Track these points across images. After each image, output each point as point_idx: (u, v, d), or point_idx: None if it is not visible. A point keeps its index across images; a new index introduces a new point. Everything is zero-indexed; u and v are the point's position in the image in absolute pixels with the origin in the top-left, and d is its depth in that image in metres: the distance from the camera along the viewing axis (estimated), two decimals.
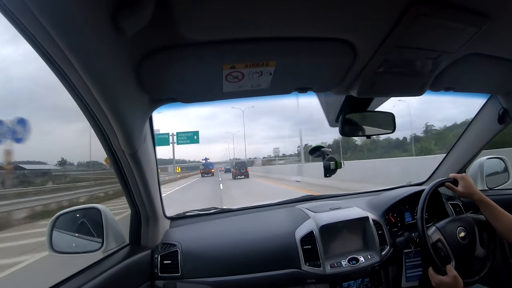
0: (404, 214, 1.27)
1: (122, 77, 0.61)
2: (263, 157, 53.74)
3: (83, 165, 20.79)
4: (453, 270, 0.95)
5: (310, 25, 0.59)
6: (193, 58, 0.63)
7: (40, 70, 18.17)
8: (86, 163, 20.79)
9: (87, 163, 20.63)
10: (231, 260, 1.06)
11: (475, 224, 1.07)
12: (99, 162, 18.66)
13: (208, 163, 30.52)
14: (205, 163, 30.83)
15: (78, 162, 21.61)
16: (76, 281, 0.79)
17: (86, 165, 20.60)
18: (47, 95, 31.91)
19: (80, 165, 20.97)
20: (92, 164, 19.84)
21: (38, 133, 24.81)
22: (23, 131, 9.79)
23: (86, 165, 20.47)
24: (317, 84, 0.86)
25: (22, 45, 18.30)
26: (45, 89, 31.49)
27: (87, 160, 20.77)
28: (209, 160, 31.49)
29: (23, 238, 5.20)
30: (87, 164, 20.52)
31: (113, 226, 0.99)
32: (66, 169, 19.96)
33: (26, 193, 9.08)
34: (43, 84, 30.70)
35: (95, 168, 19.19)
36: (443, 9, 0.57)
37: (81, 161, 21.71)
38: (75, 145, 31.86)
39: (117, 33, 0.47)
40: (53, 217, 0.95)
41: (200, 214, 1.36)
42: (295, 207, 1.31)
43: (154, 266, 1.05)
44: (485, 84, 1.09)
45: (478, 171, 1.44)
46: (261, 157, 52.79)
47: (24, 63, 34.52)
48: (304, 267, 1.05)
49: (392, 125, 1.10)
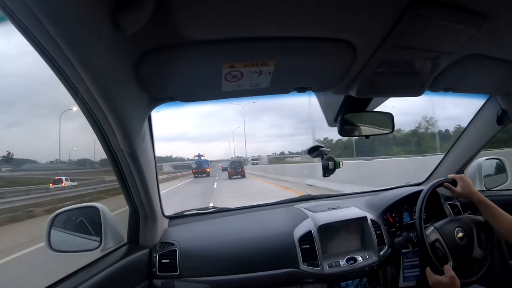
0: (402, 214, 1.27)
1: (121, 76, 0.61)
2: (268, 154, 46.39)
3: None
4: (450, 270, 0.95)
5: (310, 25, 0.59)
6: (192, 57, 0.63)
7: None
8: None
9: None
10: (229, 259, 1.06)
11: (473, 224, 1.08)
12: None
13: (202, 160, 24.08)
14: (198, 160, 24.26)
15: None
16: (74, 280, 0.79)
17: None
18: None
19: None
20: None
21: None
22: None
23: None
24: (316, 84, 0.86)
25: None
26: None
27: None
28: (204, 157, 24.70)
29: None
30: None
31: (112, 225, 0.99)
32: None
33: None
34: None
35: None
36: (442, 10, 0.57)
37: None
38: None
39: (116, 31, 0.47)
40: (51, 216, 0.95)
41: (199, 213, 1.36)
42: (293, 207, 1.31)
43: (152, 265, 1.04)
44: (484, 85, 1.09)
45: (477, 171, 1.44)
46: (265, 155, 45.35)
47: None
48: (302, 267, 1.05)
49: (391, 125, 1.11)
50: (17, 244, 4.59)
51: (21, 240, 4.76)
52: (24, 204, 8.41)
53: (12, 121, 25.41)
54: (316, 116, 2.85)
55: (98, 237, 0.96)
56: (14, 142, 28.05)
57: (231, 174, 18.77)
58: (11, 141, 28.33)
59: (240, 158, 32.96)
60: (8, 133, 26.41)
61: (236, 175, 18.57)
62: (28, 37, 0.45)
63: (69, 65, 0.50)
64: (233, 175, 18.63)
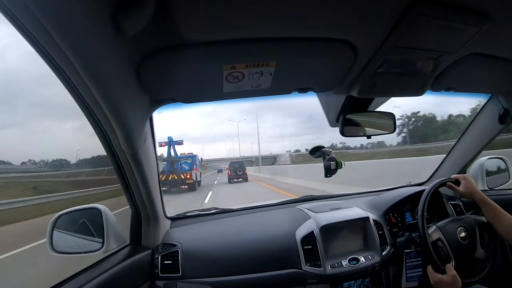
0: (404, 214, 1.27)
1: (122, 77, 0.61)
2: (288, 150, 34.32)
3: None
4: (452, 269, 0.95)
5: (311, 26, 0.59)
6: (193, 58, 0.63)
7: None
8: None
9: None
10: (231, 260, 1.06)
11: (476, 225, 1.07)
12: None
13: (179, 157, 13.12)
14: (169, 157, 12.72)
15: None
16: (77, 281, 0.79)
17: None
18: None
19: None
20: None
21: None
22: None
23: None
24: (318, 84, 0.86)
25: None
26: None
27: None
28: (184, 153, 13.81)
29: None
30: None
31: (114, 226, 1.00)
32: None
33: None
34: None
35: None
36: (444, 10, 0.57)
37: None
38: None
39: (118, 33, 0.47)
40: (53, 217, 0.95)
41: (201, 214, 1.36)
42: (295, 207, 1.31)
43: (155, 266, 1.05)
44: (486, 84, 1.09)
45: (479, 171, 1.44)
46: (284, 151, 33.38)
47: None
48: (305, 267, 1.05)
49: (393, 125, 1.10)
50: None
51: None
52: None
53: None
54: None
55: (100, 239, 0.96)
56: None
57: (231, 177, 16.31)
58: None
59: (247, 158, 26.92)
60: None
61: (236, 178, 16.20)
62: (29, 39, 0.45)
63: (71, 67, 0.50)
64: (233, 178, 16.24)
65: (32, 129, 26.16)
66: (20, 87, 25.64)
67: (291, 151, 36.89)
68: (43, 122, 31.07)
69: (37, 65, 1.66)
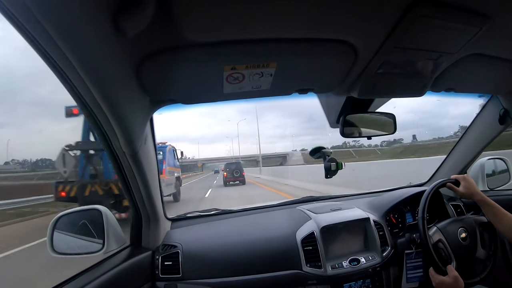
0: (405, 215, 1.27)
1: (122, 78, 0.61)
2: (303, 149, 31.97)
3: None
4: (453, 270, 0.95)
5: (311, 26, 0.59)
6: (193, 59, 0.63)
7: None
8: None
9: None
10: (232, 261, 1.06)
11: (476, 225, 1.07)
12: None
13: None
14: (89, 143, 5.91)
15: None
16: (77, 282, 0.79)
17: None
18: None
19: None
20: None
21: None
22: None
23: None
24: (318, 85, 0.86)
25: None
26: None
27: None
28: (159, 143, 8.41)
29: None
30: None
31: (114, 227, 0.99)
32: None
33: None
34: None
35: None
36: (444, 10, 0.57)
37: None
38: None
39: (118, 34, 0.47)
40: (54, 218, 0.95)
41: (201, 215, 1.36)
42: (295, 208, 1.31)
43: (155, 268, 1.04)
44: (486, 85, 1.09)
45: (479, 171, 1.44)
46: (297, 151, 30.46)
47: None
48: (305, 268, 1.05)
49: (393, 126, 1.10)
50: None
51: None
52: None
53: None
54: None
55: (101, 240, 0.96)
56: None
57: (227, 180, 15.24)
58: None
59: (251, 158, 24.68)
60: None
61: (233, 180, 15.15)
62: (29, 40, 0.45)
63: (71, 68, 0.50)
64: (230, 180, 15.19)
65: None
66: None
67: (297, 150, 34.55)
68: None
69: (34, 65, 1.62)
